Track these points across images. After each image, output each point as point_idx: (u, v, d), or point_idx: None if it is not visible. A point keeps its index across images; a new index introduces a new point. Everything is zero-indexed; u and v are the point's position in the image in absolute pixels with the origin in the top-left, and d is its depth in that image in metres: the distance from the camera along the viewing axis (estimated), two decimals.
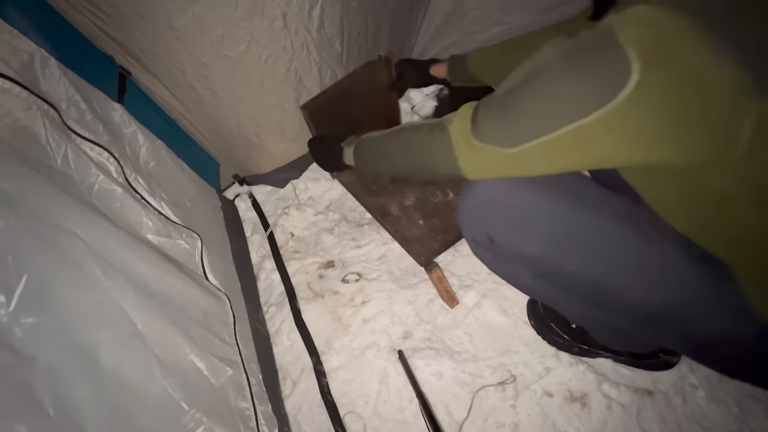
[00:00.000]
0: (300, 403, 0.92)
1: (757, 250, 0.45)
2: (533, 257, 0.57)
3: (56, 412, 0.43)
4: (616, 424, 0.79)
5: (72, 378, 0.47)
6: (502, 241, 0.58)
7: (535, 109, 0.44)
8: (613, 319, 0.61)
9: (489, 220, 0.58)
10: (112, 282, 0.56)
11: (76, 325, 0.50)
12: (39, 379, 0.43)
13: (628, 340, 0.78)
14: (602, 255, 0.53)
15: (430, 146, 0.56)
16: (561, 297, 0.65)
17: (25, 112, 0.56)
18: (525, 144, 0.45)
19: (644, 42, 0.36)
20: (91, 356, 0.50)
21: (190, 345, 0.67)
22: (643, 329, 0.58)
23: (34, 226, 0.48)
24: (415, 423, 0.85)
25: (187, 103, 1.02)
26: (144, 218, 0.72)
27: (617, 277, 0.53)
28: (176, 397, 0.59)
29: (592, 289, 0.55)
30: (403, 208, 1.03)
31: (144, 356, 0.57)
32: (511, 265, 0.63)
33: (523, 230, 0.56)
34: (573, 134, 0.42)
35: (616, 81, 0.38)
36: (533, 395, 0.84)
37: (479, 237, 0.61)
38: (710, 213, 0.45)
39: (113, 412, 0.50)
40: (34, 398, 0.42)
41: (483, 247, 0.62)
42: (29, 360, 0.43)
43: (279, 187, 1.32)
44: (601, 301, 0.57)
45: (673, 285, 0.51)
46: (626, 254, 0.52)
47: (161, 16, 0.79)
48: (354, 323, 1.00)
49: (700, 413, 0.78)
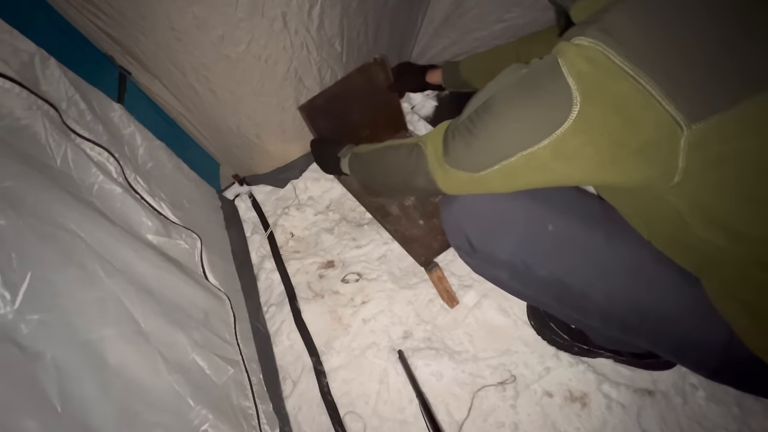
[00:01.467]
0: (300, 403, 0.92)
1: (710, 265, 0.47)
2: (506, 262, 0.60)
3: (64, 407, 0.43)
4: (616, 424, 0.79)
5: (78, 374, 0.47)
6: (479, 247, 0.62)
7: (493, 138, 0.48)
8: (588, 322, 0.62)
9: (467, 227, 0.62)
10: (114, 280, 0.57)
11: (81, 322, 0.50)
12: (46, 375, 0.43)
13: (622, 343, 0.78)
14: (568, 258, 0.56)
15: (410, 167, 0.61)
16: (541, 300, 0.67)
17: (25, 112, 0.56)
18: (487, 169, 0.50)
19: (584, 75, 0.38)
20: (96, 353, 0.51)
21: (192, 344, 0.67)
22: (617, 332, 0.59)
23: (35, 224, 0.49)
24: (415, 423, 0.85)
25: (187, 103, 1.02)
26: (144, 218, 0.72)
27: (584, 280, 0.56)
28: (182, 393, 0.60)
29: (563, 291, 0.58)
30: (403, 208, 1.03)
31: (148, 353, 0.58)
32: (492, 269, 0.66)
33: (496, 235, 0.60)
34: (527, 159, 0.45)
35: (561, 112, 0.40)
36: (533, 395, 0.84)
37: (461, 243, 0.65)
38: (665, 227, 0.48)
39: (120, 407, 0.51)
40: (42, 394, 0.43)
41: (466, 252, 0.66)
42: (36, 356, 0.43)
43: (279, 187, 1.32)
44: (573, 304, 0.59)
45: (640, 288, 0.53)
46: (592, 258, 0.55)
47: (161, 16, 0.79)
48: (354, 323, 1.00)
49: (700, 413, 0.78)
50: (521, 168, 0.47)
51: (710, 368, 0.54)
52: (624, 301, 0.54)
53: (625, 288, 0.54)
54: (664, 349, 0.58)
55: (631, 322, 0.55)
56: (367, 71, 1.03)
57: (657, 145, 0.38)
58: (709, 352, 0.52)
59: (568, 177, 0.47)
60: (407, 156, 0.61)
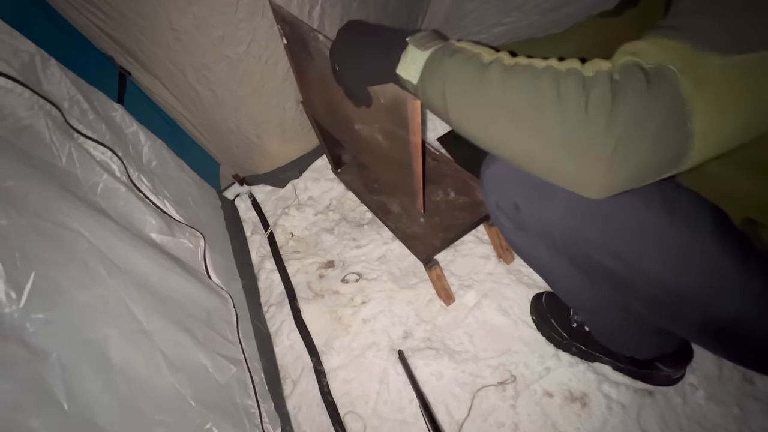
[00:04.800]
0: (300, 403, 0.92)
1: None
2: (556, 224, 0.51)
3: (70, 405, 0.44)
4: (616, 424, 0.79)
5: (83, 373, 0.47)
6: (526, 207, 0.53)
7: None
8: (626, 296, 0.57)
9: (517, 184, 0.52)
10: (117, 279, 0.57)
11: (84, 321, 0.50)
12: (52, 374, 0.44)
13: (630, 339, 0.77)
14: (623, 226, 0.48)
15: (629, 107, 0.33)
16: (572, 273, 0.61)
17: (27, 112, 0.56)
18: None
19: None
20: (100, 352, 0.51)
21: (195, 343, 0.67)
22: (658, 310, 0.55)
23: (38, 224, 0.49)
24: (415, 423, 0.85)
25: (187, 103, 1.02)
26: (148, 217, 0.73)
27: (638, 249, 0.49)
28: (184, 393, 0.60)
29: (611, 259, 0.51)
30: (404, 206, 1.03)
31: (151, 353, 0.58)
32: (529, 234, 0.59)
33: (549, 195, 0.49)
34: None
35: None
36: (533, 395, 0.84)
37: (504, 203, 0.56)
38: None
39: (124, 406, 0.51)
40: (49, 392, 0.43)
41: (505, 213, 0.57)
42: (42, 355, 0.44)
43: (279, 187, 1.32)
44: (618, 276, 0.52)
45: (695, 261, 0.48)
46: (650, 227, 0.47)
47: (162, 16, 0.79)
48: (354, 323, 1.00)
49: (700, 413, 0.78)
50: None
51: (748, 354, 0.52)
52: (680, 275, 0.48)
53: (681, 260, 0.47)
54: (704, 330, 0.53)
55: (681, 298, 0.50)
56: None
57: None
58: (755, 333, 0.48)
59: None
60: (604, 92, 0.34)
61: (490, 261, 1.02)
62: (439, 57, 0.44)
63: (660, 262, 0.48)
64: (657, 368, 0.79)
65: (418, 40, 0.47)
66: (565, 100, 0.35)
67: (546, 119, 0.36)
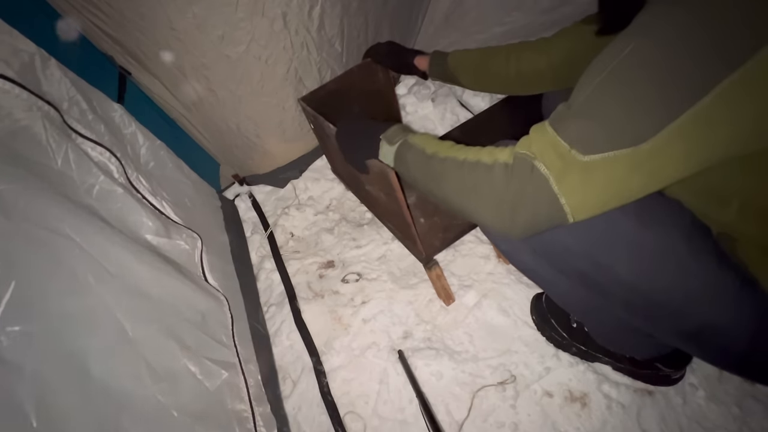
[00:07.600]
0: (300, 403, 0.92)
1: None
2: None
3: (39, 422, 0.41)
4: (616, 424, 0.79)
5: (58, 387, 0.45)
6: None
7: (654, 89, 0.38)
8: (606, 301, 0.59)
9: None
10: (106, 287, 0.55)
11: (65, 332, 0.49)
12: (23, 389, 0.42)
13: (627, 340, 0.78)
14: (598, 233, 0.52)
15: (510, 190, 0.46)
16: (558, 277, 0.63)
17: (25, 113, 0.56)
18: (654, 134, 0.38)
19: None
20: (79, 364, 0.49)
21: (184, 349, 0.65)
22: (636, 314, 0.57)
23: (27, 230, 0.48)
24: (415, 423, 0.85)
25: (187, 103, 1.02)
26: (144, 218, 0.72)
27: (612, 255, 0.52)
28: (165, 403, 0.58)
29: (588, 265, 0.54)
30: None
31: (134, 363, 0.56)
32: (512, 240, 0.61)
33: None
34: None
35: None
36: (533, 395, 0.84)
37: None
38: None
39: (99, 420, 0.49)
40: (17, 408, 0.41)
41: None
42: (14, 369, 0.42)
43: (279, 187, 1.32)
44: (595, 280, 0.56)
45: (669, 267, 0.50)
46: (622, 234, 0.51)
47: (162, 16, 0.79)
48: (354, 323, 1.00)
49: (700, 413, 0.78)
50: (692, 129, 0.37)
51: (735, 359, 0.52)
52: (653, 280, 0.51)
53: (654, 266, 0.50)
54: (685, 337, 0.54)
55: (656, 305, 0.52)
56: (367, 68, 1.03)
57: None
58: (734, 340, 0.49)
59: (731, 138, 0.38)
60: (504, 176, 0.47)
61: (490, 261, 1.02)
62: (401, 152, 0.61)
63: (633, 268, 0.52)
64: (657, 368, 0.78)
65: (388, 138, 0.64)
66: (479, 183, 0.50)
67: (468, 194, 0.51)
